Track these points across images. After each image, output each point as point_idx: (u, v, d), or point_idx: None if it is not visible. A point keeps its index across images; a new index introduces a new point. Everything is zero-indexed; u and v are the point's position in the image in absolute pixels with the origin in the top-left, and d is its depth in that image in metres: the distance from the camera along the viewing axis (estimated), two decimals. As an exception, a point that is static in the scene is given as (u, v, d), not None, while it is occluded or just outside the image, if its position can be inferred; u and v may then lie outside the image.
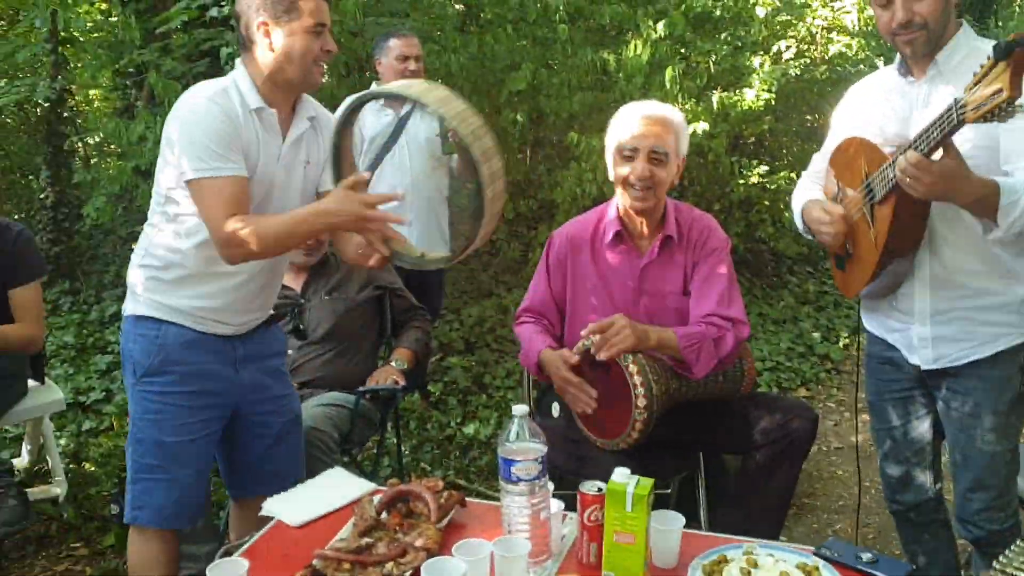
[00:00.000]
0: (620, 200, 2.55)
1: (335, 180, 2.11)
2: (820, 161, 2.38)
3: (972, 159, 1.86)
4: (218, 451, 2.40)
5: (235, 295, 2.23)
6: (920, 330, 2.12)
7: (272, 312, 2.45)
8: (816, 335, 5.52)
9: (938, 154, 1.76)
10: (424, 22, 6.45)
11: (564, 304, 2.66)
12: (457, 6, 7.07)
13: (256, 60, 2.11)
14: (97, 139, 7.21)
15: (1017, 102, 1.54)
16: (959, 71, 1.96)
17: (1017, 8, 21.64)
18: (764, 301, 6.04)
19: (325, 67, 2.15)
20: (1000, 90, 1.53)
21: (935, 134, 1.71)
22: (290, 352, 3.07)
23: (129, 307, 2.27)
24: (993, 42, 2.00)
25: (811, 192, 2.35)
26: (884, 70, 2.24)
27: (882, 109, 2.14)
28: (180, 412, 2.21)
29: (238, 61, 2.17)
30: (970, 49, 2.00)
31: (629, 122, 2.47)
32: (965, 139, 1.87)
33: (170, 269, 2.19)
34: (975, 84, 1.61)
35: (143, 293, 2.23)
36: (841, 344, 5.47)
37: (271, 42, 2.07)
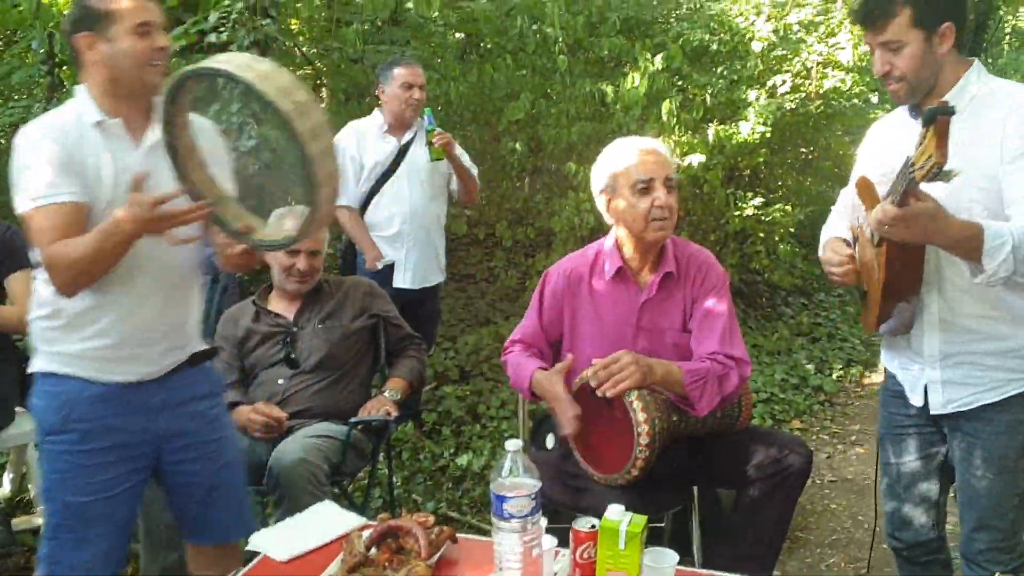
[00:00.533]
0: (622, 236, 2.54)
1: (179, 180, 2.00)
2: (845, 196, 2.38)
3: (973, 206, 1.87)
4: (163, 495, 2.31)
5: (128, 328, 2.10)
6: (931, 373, 2.11)
7: (201, 349, 2.32)
8: (810, 367, 5.51)
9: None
10: (425, 50, 6.50)
11: (556, 340, 2.65)
12: (458, 35, 7.13)
13: (90, 75, 2.05)
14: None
15: (951, 168, 1.56)
16: (969, 111, 1.95)
17: (1006, 46, 21.87)
18: (759, 332, 6.04)
19: (163, 65, 2.04)
20: (930, 156, 1.56)
21: (900, 187, 1.72)
22: (281, 381, 3.06)
23: (35, 364, 2.15)
24: (1007, 82, 2.03)
25: (836, 227, 2.35)
26: (900, 109, 2.23)
27: (894, 147, 2.11)
28: (87, 471, 2.09)
29: (79, 86, 2.09)
30: (979, 90, 1.99)
31: (634, 155, 2.45)
32: (964, 185, 1.87)
33: (56, 316, 2.08)
34: (919, 144, 1.62)
35: (42, 347, 2.12)
36: (835, 376, 5.47)
37: (97, 54, 2.01)
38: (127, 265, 2.02)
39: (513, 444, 1.91)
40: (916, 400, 2.16)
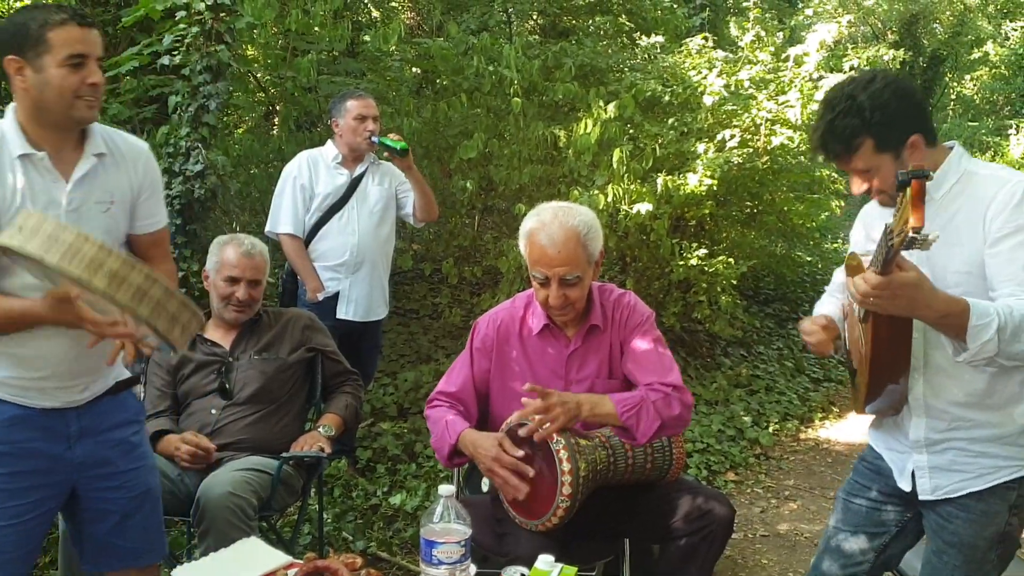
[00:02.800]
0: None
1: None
2: (837, 275, 2.40)
3: (959, 287, 1.87)
4: (65, 521, 2.24)
5: (53, 362, 2.05)
6: (917, 458, 2.08)
7: (124, 378, 2.26)
8: (747, 419, 5.56)
9: None
10: (380, 83, 6.51)
11: (484, 391, 2.63)
12: (415, 70, 7.16)
13: (18, 99, 1.97)
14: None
15: (928, 234, 1.55)
16: (950, 197, 1.97)
17: (951, 112, 22.70)
18: (698, 382, 6.09)
19: (94, 100, 1.98)
20: (907, 220, 1.56)
21: (880, 256, 1.70)
22: (213, 412, 3.00)
23: None
24: (987, 164, 2.04)
25: (826, 306, 2.37)
26: None
27: (880, 227, 2.14)
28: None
29: (10, 106, 2.01)
30: (961, 174, 1.99)
31: (540, 244, 2.40)
32: (946, 268, 1.90)
33: None
34: (896, 211, 1.63)
35: None
36: (771, 430, 5.53)
37: (24, 80, 1.93)
38: None
39: (446, 489, 1.89)
40: (904, 484, 2.12)
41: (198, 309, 1.91)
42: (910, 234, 1.54)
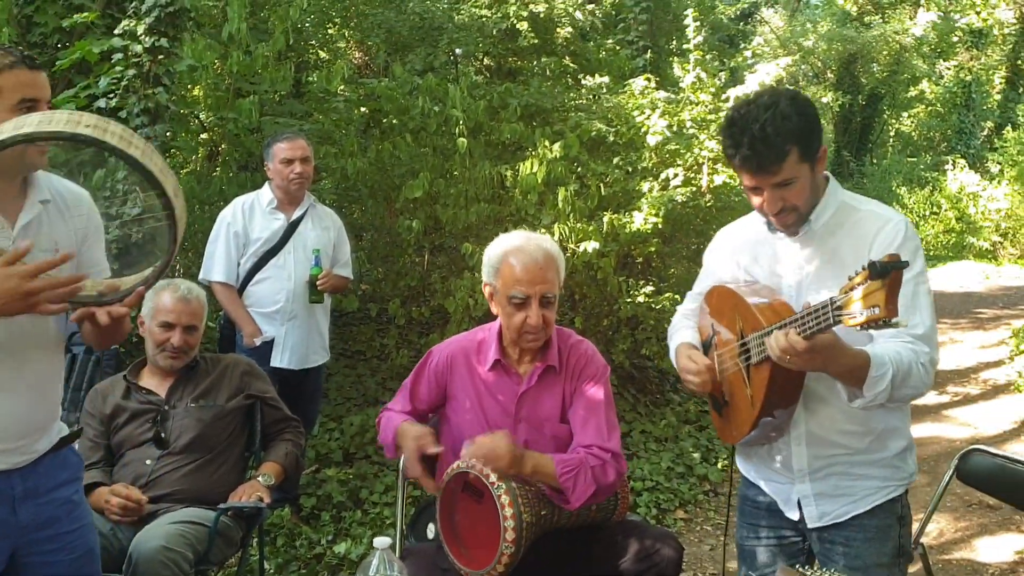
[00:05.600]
0: (505, 328, 2.51)
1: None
2: (692, 301, 2.43)
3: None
4: None
5: (3, 421, 1.96)
6: (801, 487, 2.13)
7: (66, 434, 2.18)
8: (696, 455, 5.57)
9: None
10: (327, 123, 6.49)
11: (427, 415, 2.64)
12: (361, 109, 7.15)
13: None
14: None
15: (899, 320, 1.60)
16: (829, 227, 2.03)
17: (890, 148, 23.33)
18: (647, 419, 6.09)
19: (45, 146, 1.90)
20: (876, 307, 1.59)
21: (811, 324, 1.74)
22: (148, 462, 2.92)
23: None
24: (862, 198, 2.08)
25: (684, 332, 2.38)
26: (751, 218, 2.25)
27: (751, 259, 2.19)
28: None
29: None
30: (838, 206, 2.05)
31: (519, 266, 2.42)
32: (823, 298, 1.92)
33: None
34: (850, 290, 1.64)
35: None
36: (720, 466, 5.54)
37: None
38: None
39: (382, 542, 1.85)
40: (792, 514, 2.17)
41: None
42: (881, 320, 1.58)
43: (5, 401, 1.96)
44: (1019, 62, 20.63)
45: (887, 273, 1.58)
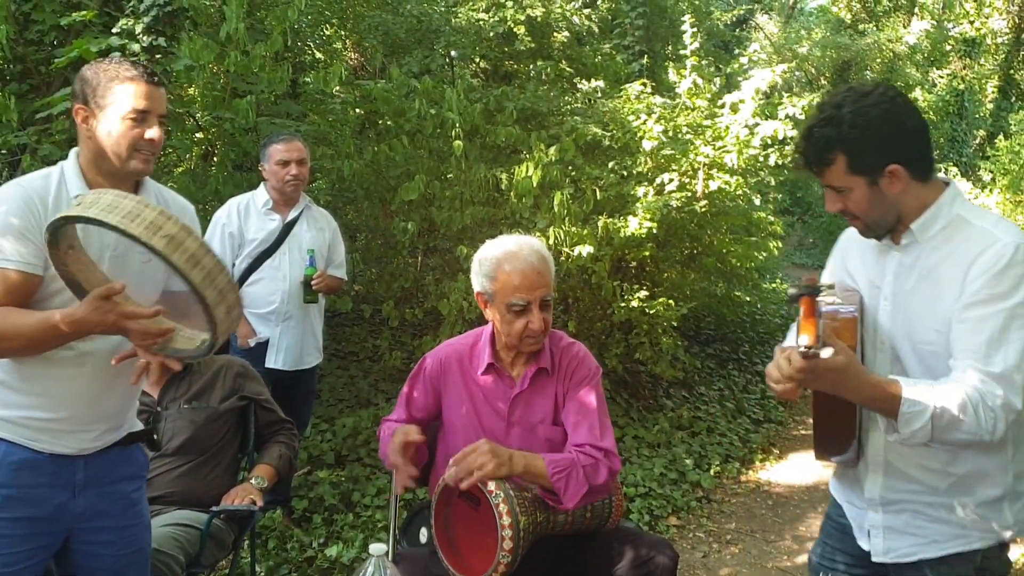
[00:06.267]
0: (504, 334, 2.49)
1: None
2: None
3: (930, 345, 1.81)
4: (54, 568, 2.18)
5: (73, 404, 2.05)
6: (873, 516, 1.99)
7: (136, 430, 2.26)
8: (689, 461, 5.57)
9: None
10: (322, 125, 6.47)
11: (427, 423, 2.61)
12: (357, 111, 7.14)
13: (82, 144, 2.05)
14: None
15: (820, 351, 1.53)
16: (936, 242, 1.85)
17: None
18: (640, 424, 6.09)
19: (150, 155, 2.05)
20: (805, 335, 1.55)
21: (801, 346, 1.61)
22: (140, 464, 2.89)
23: None
24: (982, 212, 1.87)
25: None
26: None
27: (859, 263, 2.04)
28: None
29: (74, 150, 2.10)
30: (951, 219, 1.85)
31: (516, 272, 2.39)
32: (921, 319, 1.82)
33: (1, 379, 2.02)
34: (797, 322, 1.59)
35: None
36: (712, 472, 5.54)
37: (90, 129, 2.02)
38: (81, 345, 1.98)
39: (377, 549, 1.83)
40: (863, 543, 2.04)
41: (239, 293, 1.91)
42: (807, 350, 1.52)
43: (82, 383, 2.05)
44: (1012, 71, 20.72)
45: (796, 300, 1.52)
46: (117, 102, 2.00)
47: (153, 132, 2.04)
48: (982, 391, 1.70)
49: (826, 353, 1.55)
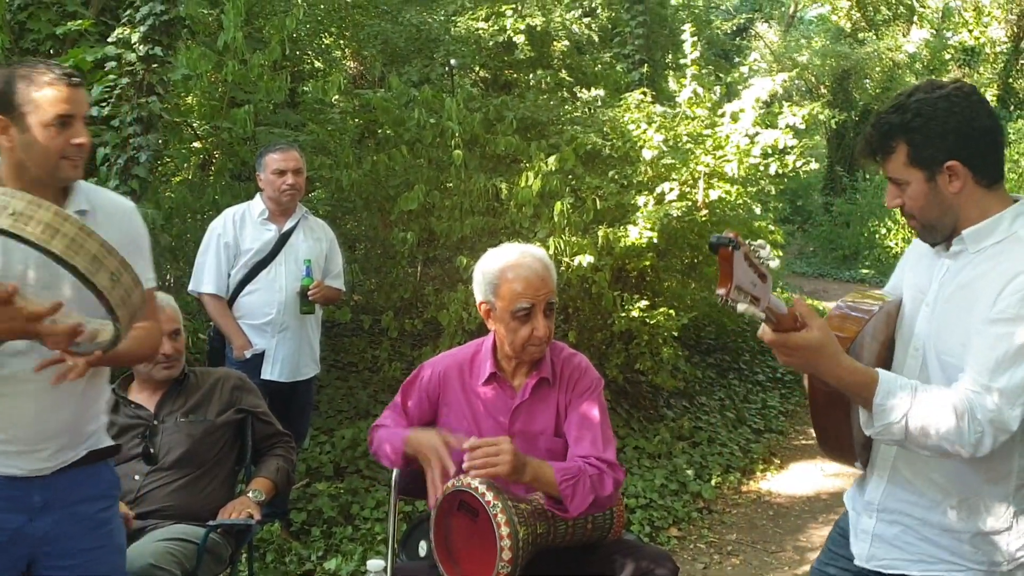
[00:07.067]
0: (508, 343, 2.46)
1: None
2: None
3: (953, 358, 1.75)
4: None
5: (18, 424, 1.95)
6: (866, 522, 1.94)
7: (100, 447, 2.15)
8: (690, 472, 5.54)
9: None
10: (321, 134, 6.46)
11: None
12: (357, 120, 7.13)
13: (3, 158, 1.96)
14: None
15: (736, 302, 1.47)
16: (987, 255, 1.77)
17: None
18: (641, 434, 6.05)
19: (79, 160, 1.96)
20: (721, 288, 1.49)
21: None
22: (136, 478, 2.88)
23: None
24: None
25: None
26: None
27: (913, 269, 1.99)
28: None
29: None
30: (1008, 235, 1.76)
31: (519, 278, 2.39)
32: (953, 331, 1.76)
33: None
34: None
35: None
36: (713, 483, 5.51)
37: (10, 139, 1.92)
38: (11, 364, 1.90)
39: (375, 565, 1.81)
40: (855, 546, 1.98)
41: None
42: (724, 300, 1.46)
43: (22, 402, 1.96)
44: (1010, 80, 20.75)
45: (715, 249, 1.45)
46: (38, 109, 1.90)
47: (81, 136, 1.95)
48: (974, 401, 1.65)
49: (741, 308, 1.49)
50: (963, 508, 1.80)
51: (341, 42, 8.99)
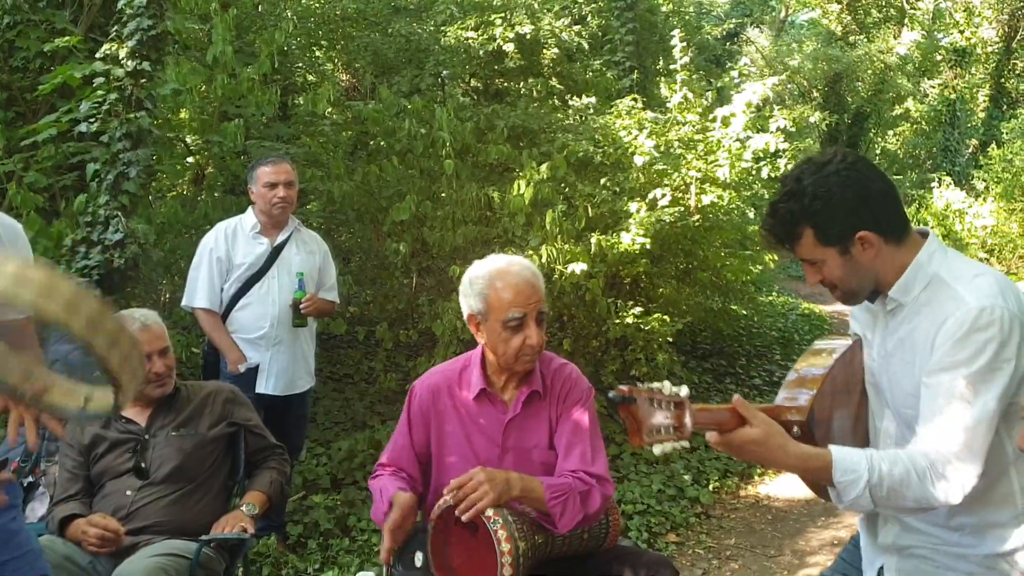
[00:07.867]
0: (500, 353, 2.42)
1: None
2: None
3: (910, 409, 1.78)
4: None
5: None
6: (888, 560, 1.95)
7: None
8: (687, 477, 5.52)
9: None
10: (313, 146, 6.46)
11: (426, 458, 2.54)
12: (348, 132, 7.14)
13: None
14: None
15: (655, 447, 1.55)
16: (919, 303, 1.79)
17: (881, 143, 23.40)
18: (638, 440, 6.03)
19: None
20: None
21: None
22: (128, 493, 2.86)
23: None
24: (961, 270, 1.79)
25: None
26: None
27: (866, 324, 2.00)
28: None
29: None
30: (929, 280, 1.79)
31: (509, 288, 2.35)
32: (902, 383, 1.80)
33: None
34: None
35: None
36: (711, 488, 5.49)
37: None
38: None
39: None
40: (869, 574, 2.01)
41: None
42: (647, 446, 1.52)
43: None
44: (1002, 80, 20.83)
45: (615, 406, 1.54)
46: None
47: None
48: (932, 458, 1.67)
49: (658, 449, 1.58)
50: (973, 534, 1.82)
51: (331, 54, 9.00)
